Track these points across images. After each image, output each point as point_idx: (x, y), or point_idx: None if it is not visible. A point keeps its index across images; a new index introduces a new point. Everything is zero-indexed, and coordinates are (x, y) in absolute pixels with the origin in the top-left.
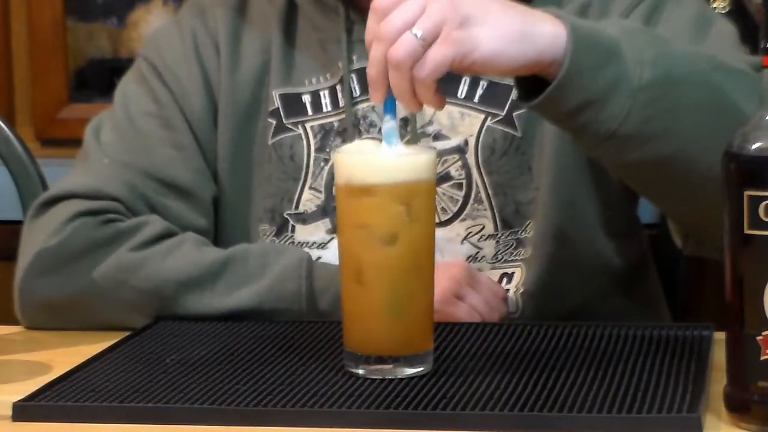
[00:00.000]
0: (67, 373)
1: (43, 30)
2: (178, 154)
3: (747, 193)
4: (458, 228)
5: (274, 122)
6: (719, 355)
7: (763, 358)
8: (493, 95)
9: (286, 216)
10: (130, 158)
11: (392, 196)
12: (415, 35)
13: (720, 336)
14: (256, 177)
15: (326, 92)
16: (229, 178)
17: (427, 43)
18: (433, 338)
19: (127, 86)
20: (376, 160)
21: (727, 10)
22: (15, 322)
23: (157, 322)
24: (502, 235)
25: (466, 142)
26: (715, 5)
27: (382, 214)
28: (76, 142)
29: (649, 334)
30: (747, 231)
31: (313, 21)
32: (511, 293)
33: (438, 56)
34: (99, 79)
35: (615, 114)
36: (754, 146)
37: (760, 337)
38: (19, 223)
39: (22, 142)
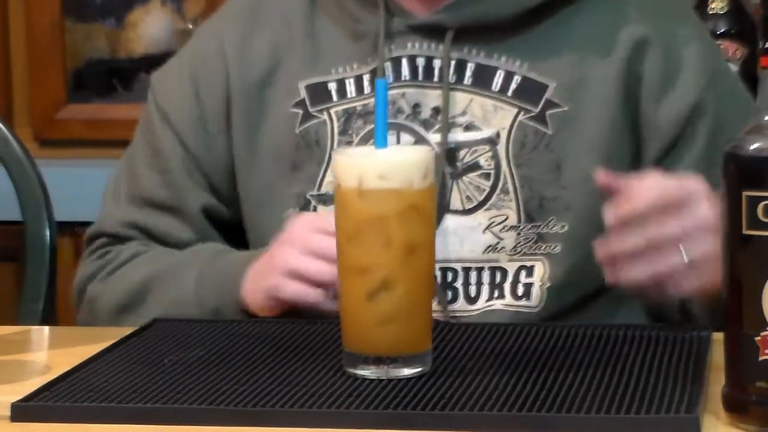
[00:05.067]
0: (65, 373)
1: (42, 30)
2: (162, 178)
3: (745, 193)
4: (481, 217)
5: (301, 112)
6: (718, 355)
7: (761, 358)
8: (527, 91)
9: (308, 197)
10: (128, 189)
11: (391, 197)
12: (684, 256)
13: (718, 336)
14: (275, 168)
15: (352, 80)
16: (246, 174)
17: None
18: (431, 338)
19: (141, 119)
20: (375, 163)
21: (725, 10)
22: (14, 323)
23: (155, 322)
24: (524, 227)
25: (498, 135)
26: (713, 6)
27: (381, 216)
28: (74, 143)
29: (648, 335)
30: (745, 231)
31: (348, 12)
32: (536, 287)
33: (689, 288)
34: (97, 79)
35: None
36: (753, 147)
37: (759, 338)
38: (17, 223)
39: (21, 142)
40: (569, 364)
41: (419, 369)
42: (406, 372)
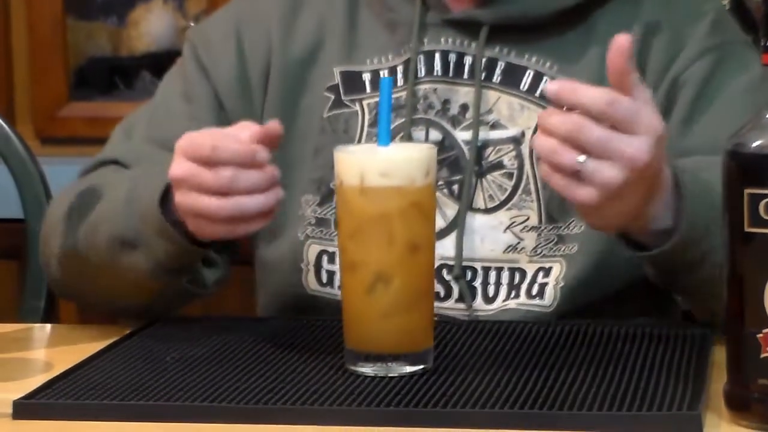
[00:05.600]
0: (67, 371)
1: (43, 28)
2: (193, 126)
3: (747, 191)
4: (502, 216)
5: (333, 97)
6: (720, 353)
7: (763, 356)
8: None
9: (332, 186)
10: (152, 132)
11: (393, 195)
12: (579, 161)
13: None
14: (301, 150)
15: (386, 72)
16: (271, 152)
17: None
18: (433, 336)
19: (170, 71)
20: (377, 160)
21: (727, 8)
22: (16, 320)
23: (157, 320)
24: (545, 228)
25: (523, 134)
26: None
27: (384, 213)
28: (76, 141)
29: (650, 332)
30: (747, 229)
31: (386, 1)
32: (550, 286)
33: (582, 201)
34: (99, 77)
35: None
36: (755, 144)
37: (761, 335)
38: (19, 221)
39: (22, 140)
40: (571, 362)
41: (421, 366)
42: (408, 369)
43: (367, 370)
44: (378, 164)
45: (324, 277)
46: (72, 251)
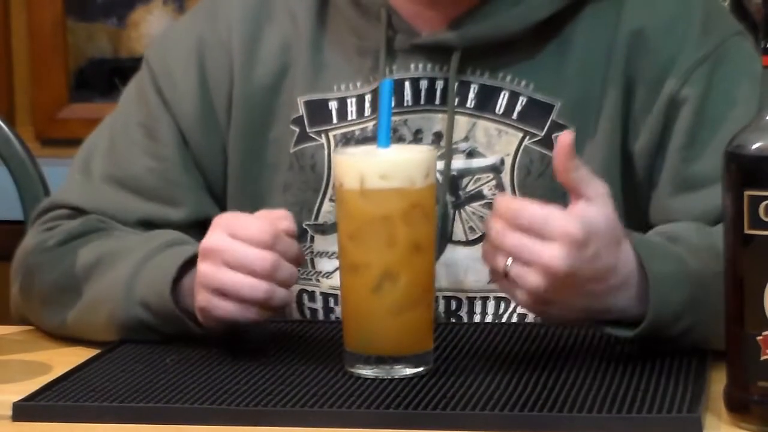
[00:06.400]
0: (67, 373)
1: (44, 30)
2: (157, 165)
3: (747, 193)
4: None
5: (298, 130)
6: (719, 354)
7: (763, 358)
8: (532, 113)
9: (305, 226)
10: (112, 168)
11: (394, 197)
12: (507, 266)
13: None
14: (270, 182)
15: (353, 100)
16: (240, 183)
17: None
18: (433, 338)
19: (129, 90)
20: (377, 162)
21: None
22: (15, 322)
23: None
24: None
25: (503, 162)
26: None
27: (385, 216)
28: (76, 142)
29: None
30: (747, 231)
31: (352, 26)
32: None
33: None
34: (99, 79)
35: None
36: (755, 146)
37: (760, 337)
38: (19, 223)
39: (23, 142)
40: (571, 364)
41: (421, 369)
42: (408, 371)
43: (367, 372)
44: (378, 166)
45: (307, 314)
46: (61, 327)
